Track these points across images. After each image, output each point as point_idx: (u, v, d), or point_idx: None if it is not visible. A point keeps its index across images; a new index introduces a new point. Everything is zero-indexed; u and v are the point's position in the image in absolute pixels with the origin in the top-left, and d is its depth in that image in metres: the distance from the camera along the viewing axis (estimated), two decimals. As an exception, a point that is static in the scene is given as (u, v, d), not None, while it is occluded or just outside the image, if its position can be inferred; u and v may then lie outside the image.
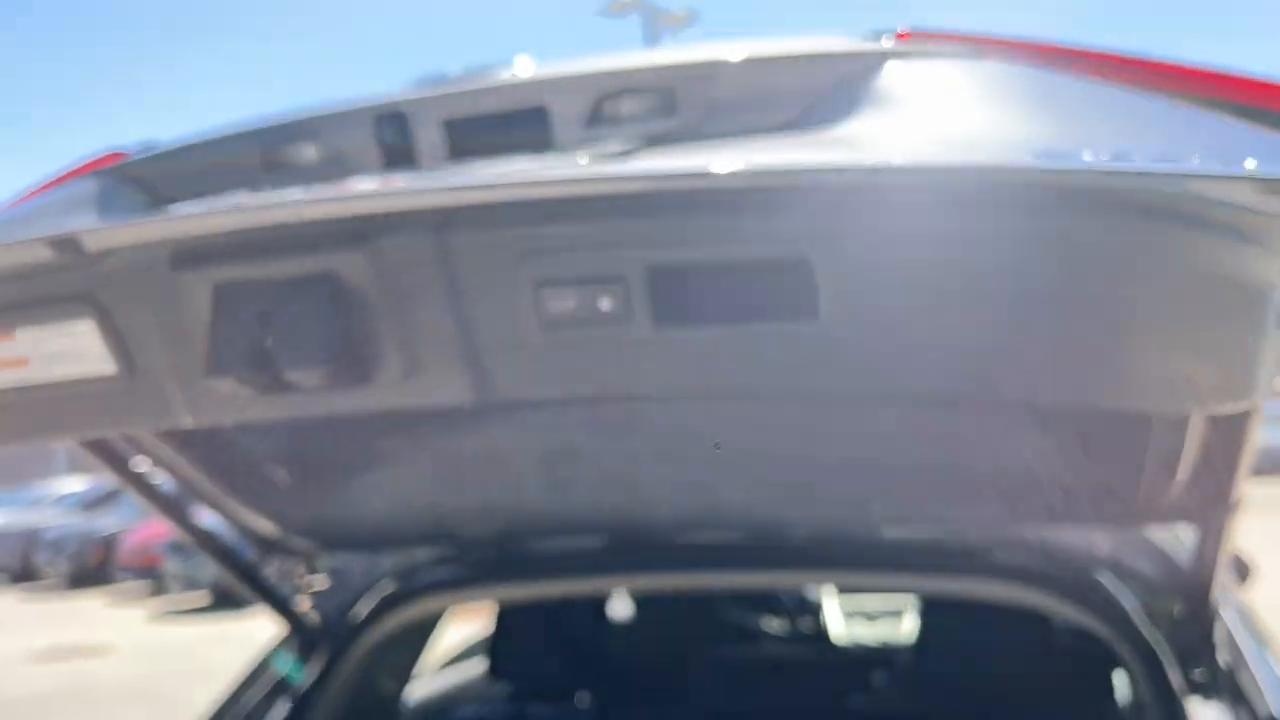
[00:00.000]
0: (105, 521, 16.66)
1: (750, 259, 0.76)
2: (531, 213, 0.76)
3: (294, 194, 0.80)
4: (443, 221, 0.79)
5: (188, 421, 0.96)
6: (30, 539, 17.25)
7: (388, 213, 0.79)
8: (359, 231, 0.81)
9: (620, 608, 3.07)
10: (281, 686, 1.82)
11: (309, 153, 0.95)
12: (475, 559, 1.88)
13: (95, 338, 0.90)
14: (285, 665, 1.89)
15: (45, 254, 0.83)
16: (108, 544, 15.91)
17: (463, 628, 3.02)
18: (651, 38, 18.72)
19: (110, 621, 12.51)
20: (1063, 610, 1.52)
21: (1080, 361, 0.77)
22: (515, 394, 0.89)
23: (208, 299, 0.86)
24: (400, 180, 0.84)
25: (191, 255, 0.85)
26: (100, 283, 0.88)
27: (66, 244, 0.81)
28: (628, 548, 1.76)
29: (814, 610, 3.29)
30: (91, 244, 0.82)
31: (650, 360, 0.83)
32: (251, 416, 0.97)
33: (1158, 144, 0.72)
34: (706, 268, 0.77)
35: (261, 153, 0.96)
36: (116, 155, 1.08)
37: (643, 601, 2.73)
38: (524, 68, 0.89)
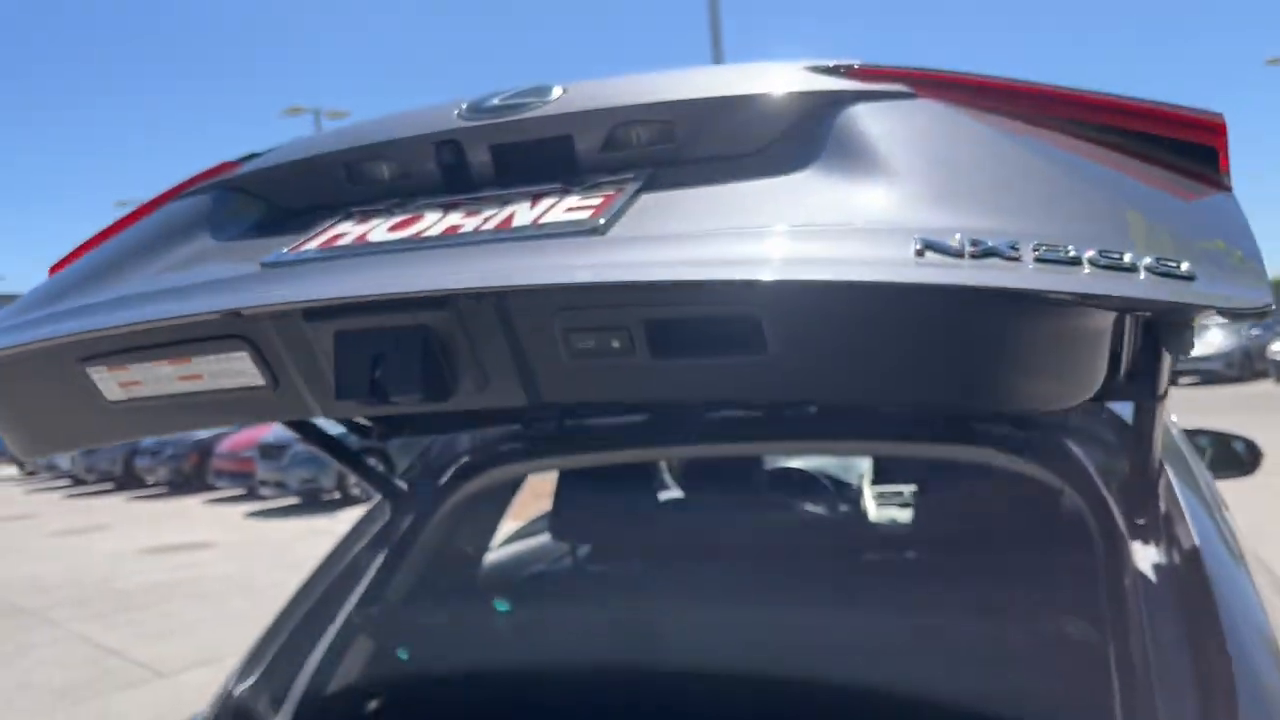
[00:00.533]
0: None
1: (718, 315, 1.01)
2: (561, 288, 1.02)
3: (389, 276, 1.03)
4: (502, 292, 1.06)
5: (320, 415, 1.26)
6: (131, 447, 18.22)
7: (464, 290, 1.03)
8: (443, 299, 1.08)
9: (671, 486, 3.37)
10: (378, 541, 2.17)
11: (383, 171, 1.22)
12: (537, 434, 2.20)
13: (249, 363, 1.18)
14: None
15: (213, 316, 1.08)
16: (202, 451, 16.77)
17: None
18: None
19: (209, 521, 13.31)
20: (1037, 472, 1.79)
21: (958, 380, 1.04)
22: (555, 399, 1.19)
23: (331, 341, 1.13)
24: (459, 216, 1.11)
25: (318, 312, 1.11)
26: (252, 328, 1.15)
27: (230, 314, 1.07)
28: (668, 421, 2.07)
29: (854, 497, 3.59)
30: (247, 312, 1.08)
31: (648, 379, 1.11)
32: (367, 415, 1.25)
33: (1046, 222, 0.93)
34: (687, 320, 1.03)
35: (346, 170, 1.24)
36: (227, 166, 1.36)
37: (691, 482, 3.03)
38: (555, 98, 1.15)
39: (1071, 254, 0.88)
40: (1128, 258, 0.87)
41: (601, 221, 1.01)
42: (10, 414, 1.30)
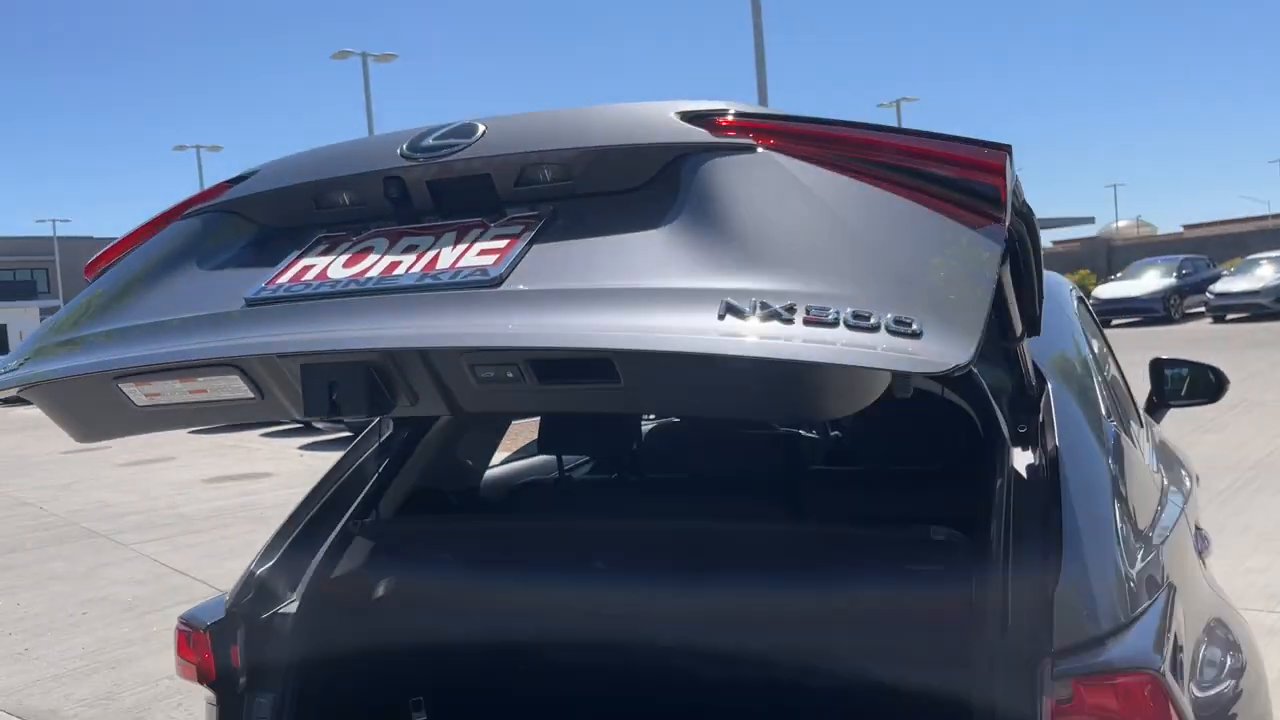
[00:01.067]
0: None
1: (582, 358, 1.28)
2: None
3: (336, 329, 1.31)
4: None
5: (298, 419, 1.60)
6: (192, 383, 18.86)
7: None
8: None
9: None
10: (383, 449, 2.49)
11: (344, 199, 1.53)
12: None
13: (240, 383, 1.51)
14: None
15: (214, 358, 1.40)
16: (260, 387, 17.33)
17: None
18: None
19: (266, 453, 13.90)
20: (943, 391, 2.05)
21: (765, 401, 1.31)
22: (470, 410, 1.52)
23: (299, 370, 1.46)
24: (398, 253, 1.39)
25: (289, 353, 1.41)
26: (243, 361, 1.46)
27: (229, 360, 1.42)
28: None
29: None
30: (241, 356, 1.40)
31: (537, 397, 1.43)
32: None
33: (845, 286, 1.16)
34: (561, 360, 1.31)
35: (314, 199, 1.53)
36: (221, 188, 1.66)
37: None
38: (476, 138, 1.42)
39: (831, 316, 1.12)
40: (874, 318, 1.11)
41: (501, 270, 1.30)
42: (66, 414, 1.66)
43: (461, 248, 1.36)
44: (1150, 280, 28.19)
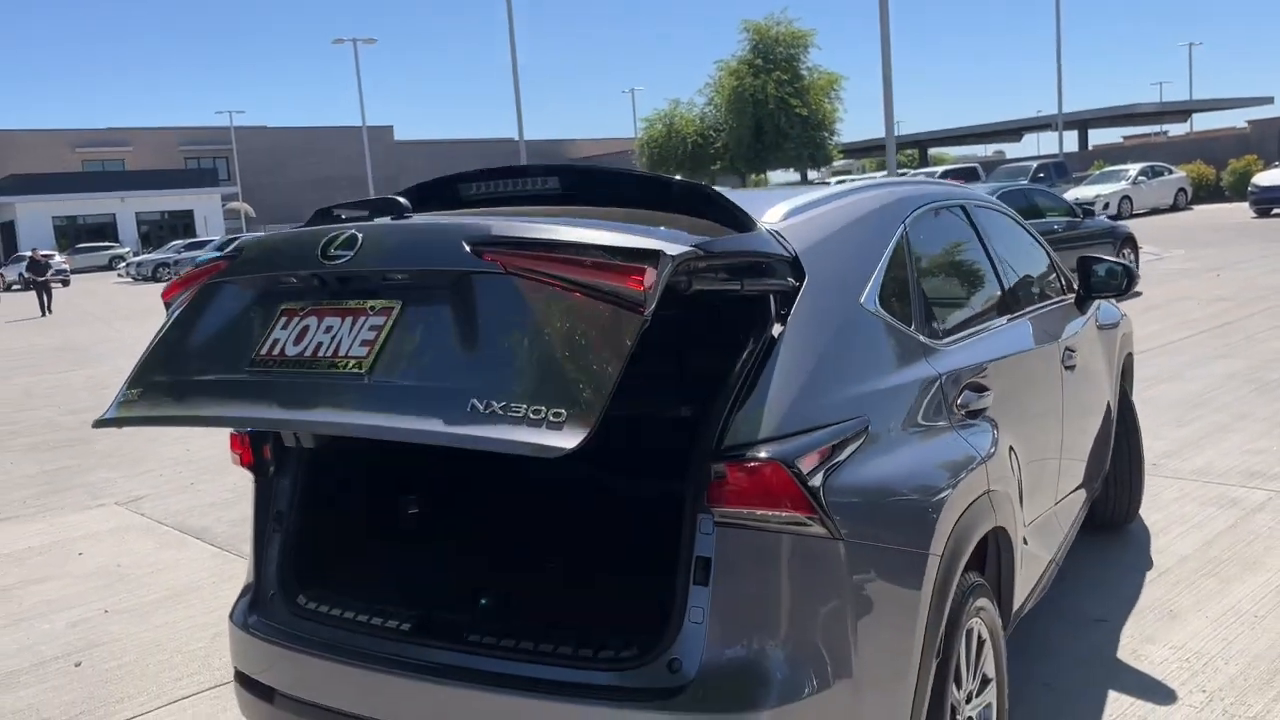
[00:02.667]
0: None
1: None
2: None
3: (294, 415, 2.06)
4: None
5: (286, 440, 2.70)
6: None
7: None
8: None
9: None
10: None
11: (293, 281, 2.21)
12: None
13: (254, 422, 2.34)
14: None
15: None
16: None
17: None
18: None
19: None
20: (742, 288, 2.25)
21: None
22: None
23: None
24: (321, 334, 2.07)
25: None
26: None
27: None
28: None
29: None
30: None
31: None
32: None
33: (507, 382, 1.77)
34: None
35: (277, 280, 2.24)
36: (222, 264, 2.38)
37: None
38: (357, 247, 2.09)
39: (521, 413, 1.70)
40: (543, 412, 1.69)
41: (370, 364, 1.96)
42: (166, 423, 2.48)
43: (354, 333, 2.05)
44: (1319, 167, 26.35)
